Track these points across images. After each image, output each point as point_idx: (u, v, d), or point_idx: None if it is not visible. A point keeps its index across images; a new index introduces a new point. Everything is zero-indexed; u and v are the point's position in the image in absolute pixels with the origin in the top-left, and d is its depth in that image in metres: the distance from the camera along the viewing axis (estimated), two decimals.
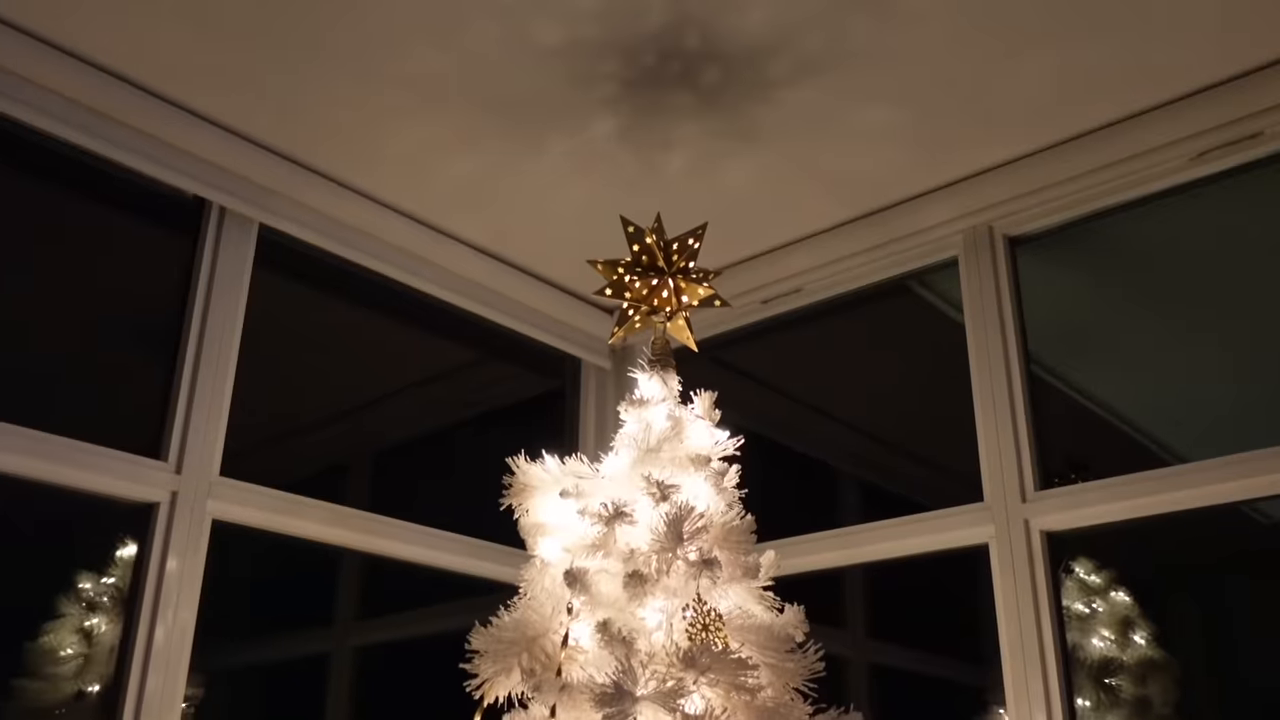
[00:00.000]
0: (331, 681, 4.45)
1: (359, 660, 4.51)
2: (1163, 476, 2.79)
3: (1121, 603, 3.78)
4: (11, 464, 2.48)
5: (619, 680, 1.79)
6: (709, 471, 2.19)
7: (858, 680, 4.47)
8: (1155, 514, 2.84)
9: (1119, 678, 3.64)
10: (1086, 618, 3.75)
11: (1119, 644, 3.70)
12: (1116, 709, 3.61)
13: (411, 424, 4.39)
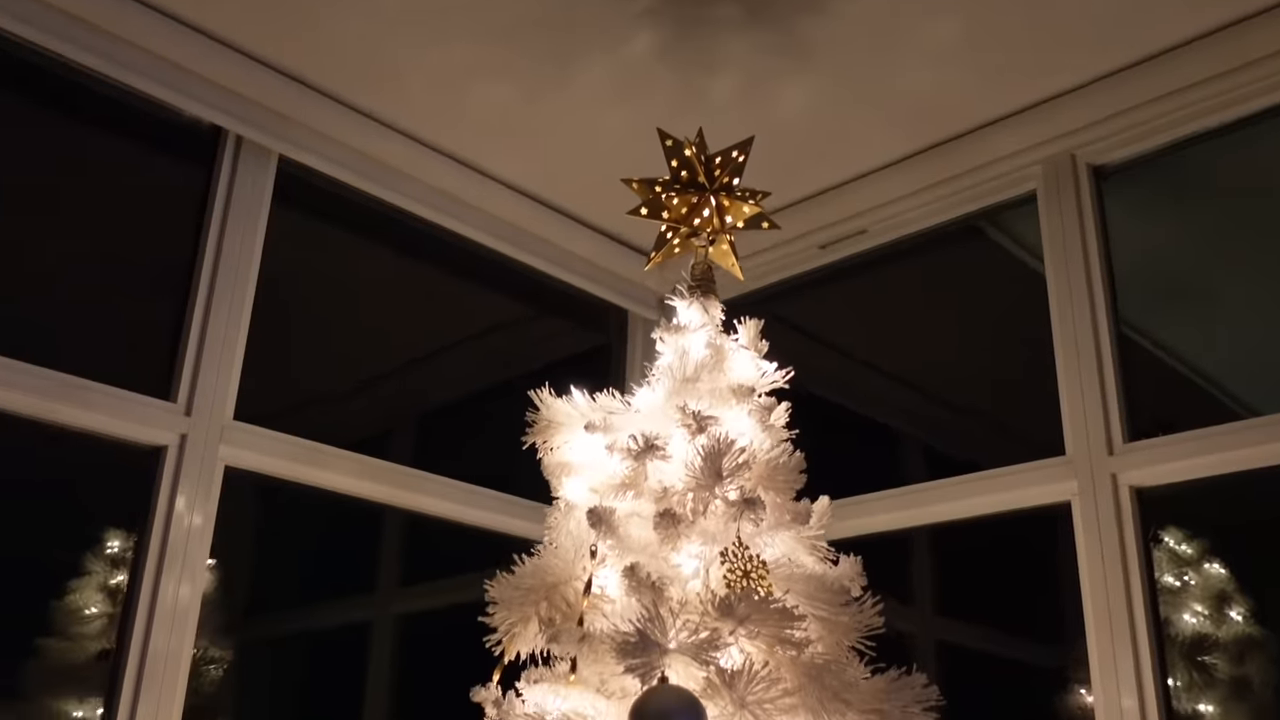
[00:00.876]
0: (374, 649, 4.31)
1: (401, 628, 4.35)
2: (1269, 424, 2.48)
3: (1216, 575, 3.47)
4: (13, 402, 2.32)
5: (644, 629, 1.56)
6: (753, 405, 1.95)
7: (925, 659, 4.19)
8: (1259, 467, 2.52)
9: (1214, 656, 3.34)
10: (1178, 591, 3.45)
11: (1214, 620, 3.40)
12: (1211, 690, 3.31)
13: (453, 385, 4.21)
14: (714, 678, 1.55)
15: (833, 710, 1.61)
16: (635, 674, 1.55)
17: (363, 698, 4.15)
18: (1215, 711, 3.29)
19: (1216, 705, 3.30)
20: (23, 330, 2.45)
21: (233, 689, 3.35)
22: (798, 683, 1.61)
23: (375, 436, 3.65)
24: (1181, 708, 3.29)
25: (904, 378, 4.05)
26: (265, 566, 3.80)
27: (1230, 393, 3.16)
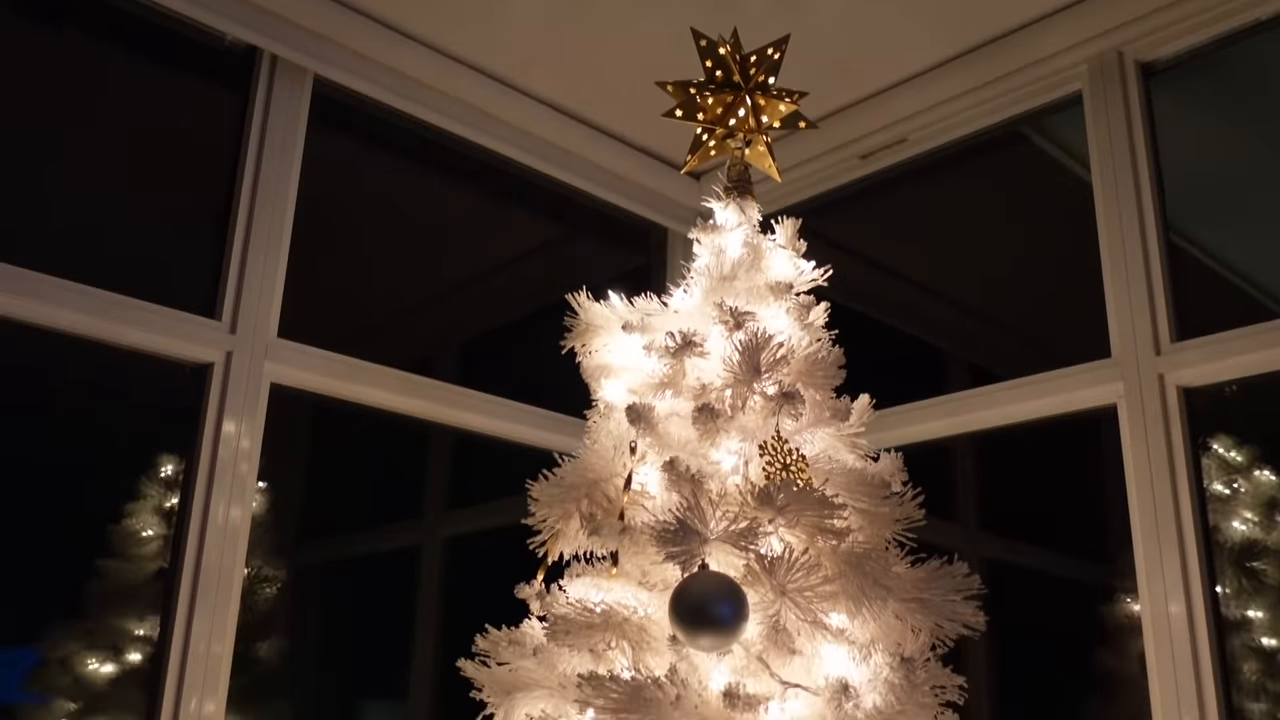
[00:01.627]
0: (422, 572, 4.38)
1: (449, 551, 4.42)
2: None
3: (1267, 482, 3.43)
4: (61, 319, 2.36)
5: (684, 518, 1.57)
6: (790, 303, 1.94)
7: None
8: None
9: (1263, 562, 3.31)
10: (1227, 499, 3.42)
11: (1263, 526, 3.37)
12: (1260, 595, 3.29)
13: (493, 311, 4.22)
14: (754, 565, 1.56)
15: (873, 597, 1.61)
16: (676, 562, 1.56)
17: (413, 619, 4.23)
18: (1264, 618, 3.27)
19: (1265, 611, 3.27)
20: (72, 252, 2.49)
21: (286, 608, 3.43)
22: (838, 570, 1.62)
23: (415, 365, 3.69)
24: (1230, 614, 3.27)
25: (947, 293, 4.00)
26: (316, 491, 3.86)
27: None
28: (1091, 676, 3.24)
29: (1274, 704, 3.16)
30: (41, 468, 3.35)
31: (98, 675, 3.31)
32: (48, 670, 3.34)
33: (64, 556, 3.49)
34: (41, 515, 3.36)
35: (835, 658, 1.61)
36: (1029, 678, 3.69)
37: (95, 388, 3.21)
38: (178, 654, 2.44)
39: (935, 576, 1.69)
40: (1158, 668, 2.56)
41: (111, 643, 3.33)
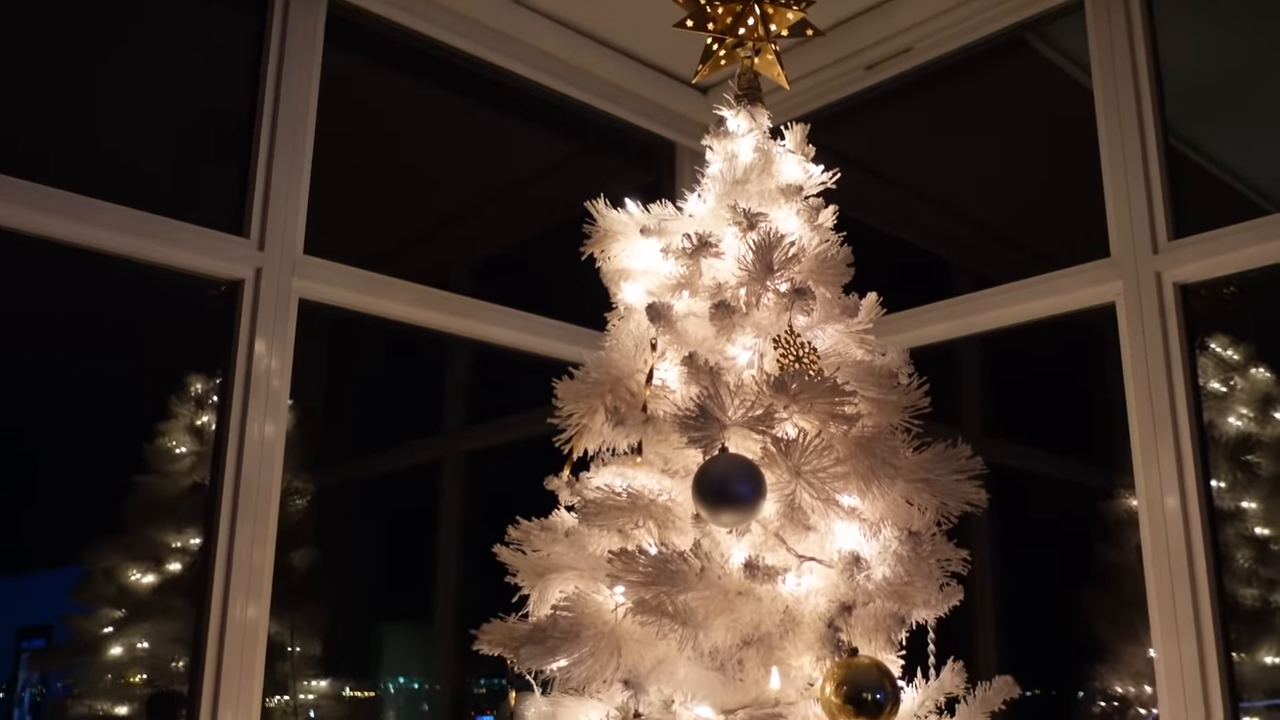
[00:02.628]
0: (444, 485, 4.52)
1: (469, 465, 4.55)
2: None
3: (1262, 379, 3.53)
4: (99, 238, 2.46)
5: (705, 405, 1.67)
6: (800, 205, 2.02)
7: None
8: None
9: (1257, 455, 3.43)
10: (1223, 396, 3.52)
11: (1258, 421, 3.48)
12: (1254, 488, 3.41)
13: (506, 230, 4.30)
14: (770, 448, 1.67)
15: (882, 477, 1.72)
16: (698, 446, 1.67)
17: (435, 533, 4.38)
18: (1258, 508, 3.40)
19: (1259, 502, 3.40)
20: (107, 175, 2.57)
21: (315, 520, 3.56)
22: (848, 453, 1.72)
23: (432, 283, 3.78)
24: (1225, 505, 3.39)
25: (952, 202, 4.07)
26: (335, 408, 3.97)
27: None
28: (1093, 569, 3.38)
29: (1266, 589, 3.30)
30: (74, 391, 3.46)
31: (140, 585, 3.46)
32: (92, 582, 3.50)
33: (102, 475, 3.63)
34: (78, 437, 3.49)
35: (847, 533, 1.73)
36: (1034, 573, 3.83)
37: (123, 312, 3.31)
38: (222, 563, 2.56)
39: (940, 458, 1.79)
40: (1153, 558, 2.67)
41: (152, 554, 3.48)
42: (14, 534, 3.56)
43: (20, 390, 3.33)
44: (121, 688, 3.42)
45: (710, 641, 1.64)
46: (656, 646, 1.66)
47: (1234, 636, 3.27)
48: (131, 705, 3.38)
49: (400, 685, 4.61)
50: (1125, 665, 3.39)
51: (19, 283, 3.10)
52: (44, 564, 4.10)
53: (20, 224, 2.42)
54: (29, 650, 4.06)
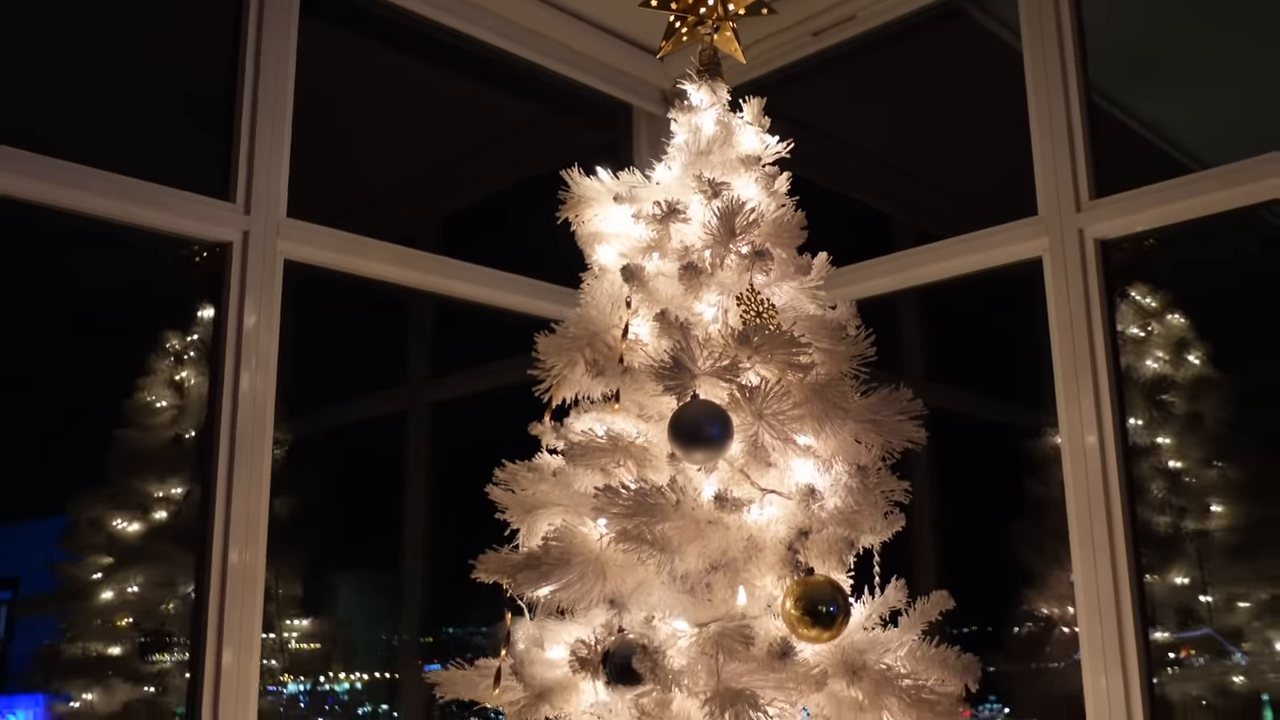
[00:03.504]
0: (410, 435, 4.69)
1: (435, 415, 4.73)
2: (1220, 174, 2.75)
3: (1177, 324, 3.82)
4: (97, 205, 2.59)
5: (678, 357, 1.88)
6: (759, 173, 2.23)
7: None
8: (1212, 213, 2.80)
9: (1171, 395, 3.72)
10: (1142, 340, 3.81)
11: (1173, 363, 3.77)
12: (1168, 425, 3.70)
13: (470, 188, 4.45)
14: (736, 394, 1.88)
15: (834, 418, 1.95)
16: (672, 393, 1.88)
17: (404, 482, 4.57)
18: (1171, 443, 3.70)
19: (1172, 438, 3.70)
20: (96, 141, 2.69)
21: (293, 469, 3.72)
22: (804, 398, 1.94)
23: (399, 241, 3.92)
24: (1141, 442, 3.68)
25: (896, 161, 4.29)
26: (304, 361, 4.12)
27: (1196, 155, 3.40)
28: (1022, 502, 3.65)
29: (1178, 517, 3.60)
30: (56, 348, 3.58)
31: (127, 533, 3.62)
32: (79, 531, 3.65)
33: (84, 430, 3.76)
34: (55, 394, 3.61)
35: (803, 469, 1.95)
36: (969, 507, 4.12)
37: (98, 272, 3.43)
38: (221, 510, 2.72)
39: (885, 401, 2.02)
40: (1073, 490, 2.93)
41: (138, 503, 3.63)
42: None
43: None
44: (113, 630, 3.59)
45: (685, 565, 1.86)
46: (637, 571, 1.88)
47: (1148, 560, 3.58)
48: (124, 646, 3.55)
49: (368, 633, 4.80)
50: (1050, 589, 3.68)
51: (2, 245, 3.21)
52: (9, 519, 4.22)
53: (16, 191, 2.54)
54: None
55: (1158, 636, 3.56)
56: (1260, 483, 3.58)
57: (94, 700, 3.49)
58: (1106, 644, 2.75)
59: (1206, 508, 3.61)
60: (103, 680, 3.49)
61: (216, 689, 2.70)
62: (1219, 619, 3.51)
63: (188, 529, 3.58)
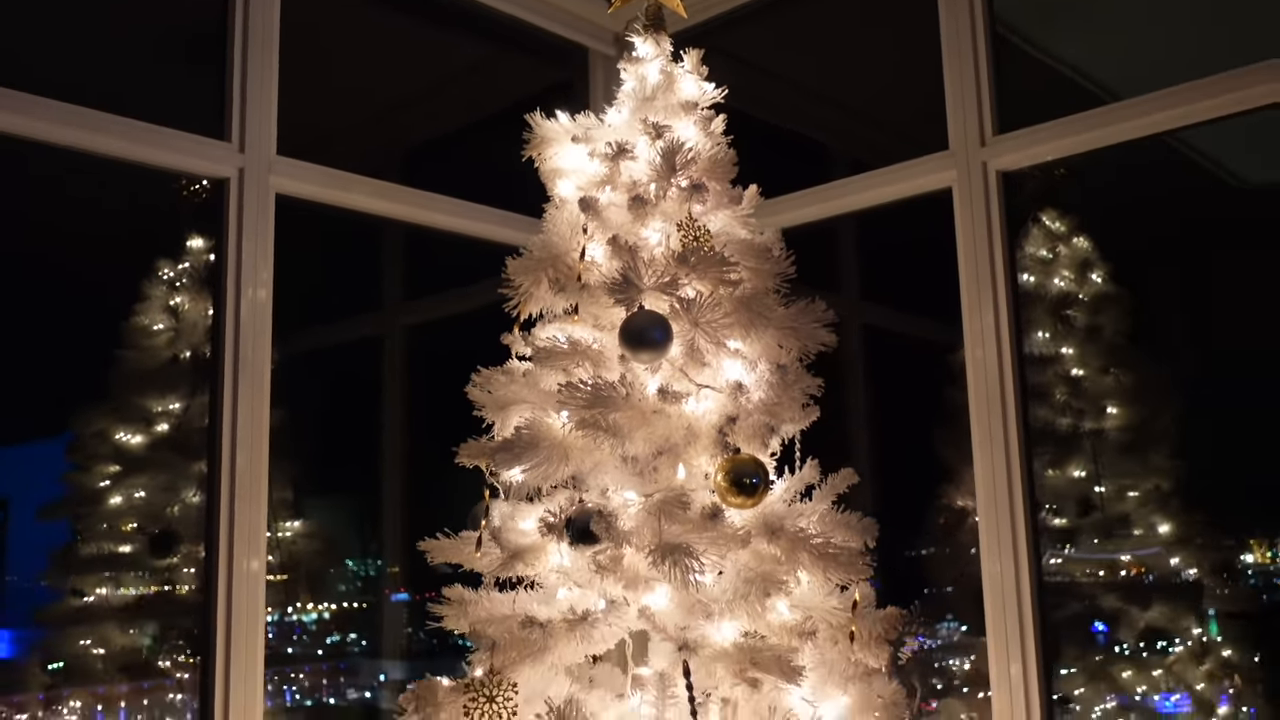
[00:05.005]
0: (385, 359, 5.04)
1: (409, 338, 5.08)
2: (1110, 110, 3.12)
3: (1082, 246, 4.24)
4: (107, 145, 2.90)
5: (627, 274, 2.25)
6: (697, 116, 2.57)
7: (849, 340, 5.01)
8: (1103, 146, 3.16)
9: (1075, 310, 4.15)
10: (1050, 262, 4.23)
11: (1076, 281, 4.19)
12: (1071, 336, 4.14)
13: (432, 124, 4.76)
14: (676, 306, 2.25)
15: (758, 326, 2.32)
16: (621, 305, 2.24)
17: (380, 400, 4.92)
18: (1073, 354, 4.14)
19: (1074, 349, 4.14)
20: (105, 85, 2.97)
21: (281, 385, 4.04)
22: (734, 309, 2.32)
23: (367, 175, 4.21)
24: (1046, 352, 4.12)
25: (830, 95, 4.64)
26: (288, 288, 4.44)
27: (1108, 88, 3.75)
28: (941, 408, 4.05)
29: (1077, 418, 4.05)
30: (58, 276, 3.88)
31: (131, 444, 3.96)
32: (85, 443, 3.99)
33: (85, 351, 4.09)
34: (61, 318, 3.92)
35: (733, 368, 2.34)
36: (899, 413, 4.54)
37: (95, 207, 3.72)
38: (228, 423, 3.05)
39: (802, 312, 2.40)
40: (975, 394, 3.33)
41: (140, 417, 3.98)
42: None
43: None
44: (122, 532, 3.95)
45: (634, 449, 2.25)
46: (594, 453, 2.26)
47: (1050, 457, 4.03)
48: (133, 545, 3.91)
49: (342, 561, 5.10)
50: (966, 484, 4.12)
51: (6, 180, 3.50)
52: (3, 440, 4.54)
53: (23, 130, 2.84)
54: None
55: (1057, 523, 4.03)
56: (1149, 388, 4.04)
57: (107, 594, 3.86)
58: (1000, 531, 3.17)
59: (1103, 410, 4.06)
60: (115, 576, 3.86)
61: (230, 583, 3.03)
62: (1111, 507, 3.98)
63: (188, 440, 3.93)
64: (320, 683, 4.89)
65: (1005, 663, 3.08)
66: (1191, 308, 4.14)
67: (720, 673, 2.15)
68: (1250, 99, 2.92)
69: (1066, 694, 3.81)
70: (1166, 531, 3.87)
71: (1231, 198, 3.92)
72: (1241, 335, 3.77)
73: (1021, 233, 4.15)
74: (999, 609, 3.12)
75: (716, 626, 2.17)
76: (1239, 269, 3.67)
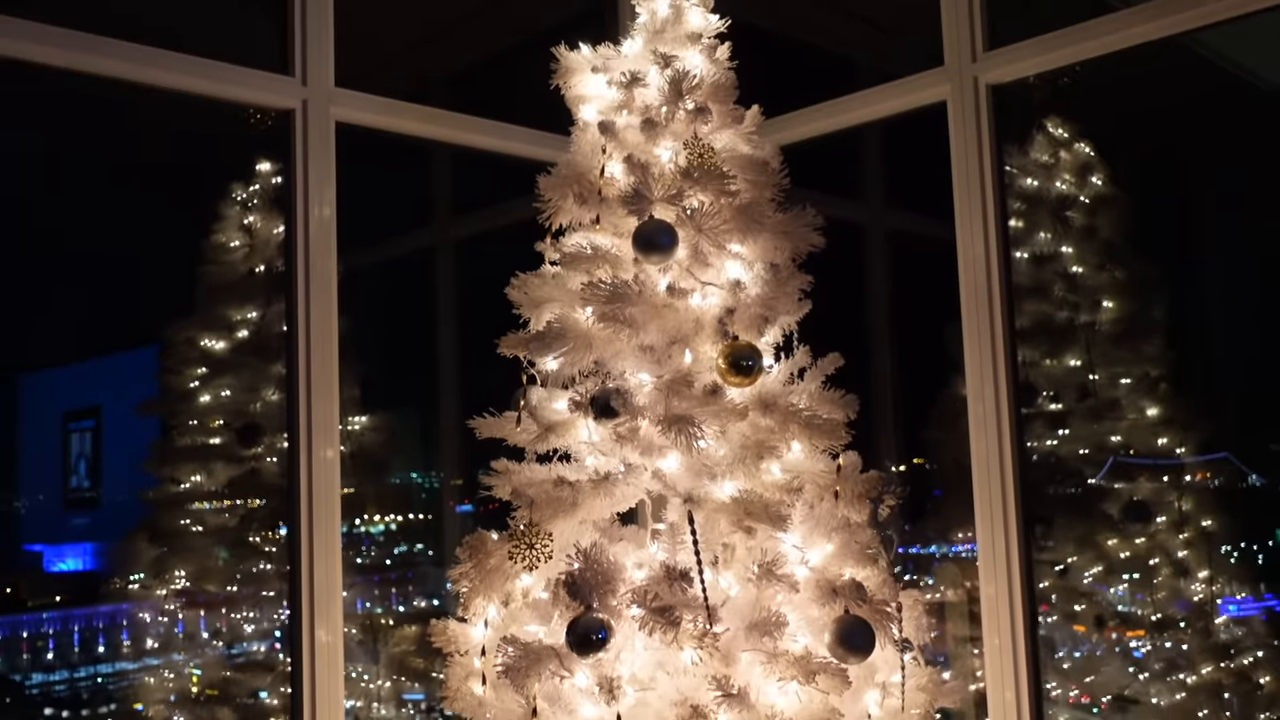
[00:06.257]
0: (439, 270, 5.46)
1: (459, 250, 5.50)
2: (1098, 23, 3.37)
3: (1082, 151, 4.52)
4: (189, 83, 3.30)
5: (639, 188, 2.62)
6: (702, 46, 2.91)
7: (875, 246, 5.34)
8: (1087, 58, 3.42)
9: (1073, 211, 4.45)
10: (1051, 166, 4.51)
11: (1076, 185, 4.48)
12: (1069, 236, 4.44)
13: (469, 50, 5.11)
14: (682, 215, 2.62)
15: (755, 231, 2.69)
16: (634, 215, 2.62)
17: (435, 310, 5.34)
18: (1072, 252, 4.45)
19: (1073, 247, 4.45)
20: (184, 27, 3.37)
21: (345, 295, 4.45)
22: (733, 215, 2.68)
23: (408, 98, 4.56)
24: (1046, 250, 4.43)
25: (854, 9, 4.89)
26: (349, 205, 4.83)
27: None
28: (954, 304, 4.36)
29: (1073, 311, 4.37)
30: (148, 200, 4.32)
31: (215, 349, 4.45)
32: (176, 349, 4.48)
33: (171, 267, 4.56)
34: (146, 234, 4.37)
35: (733, 267, 2.71)
36: (918, 310, 4.86)
37: (176, 138, 4.14)
38: (303, 328, 3.47)
39: (794, 218, 2.76)
40: (965, 289, 3.66)
41: (224, 325, 4.46)
42: (58, 329, 4.49)
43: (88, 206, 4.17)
44: (210, 427, 4.45)
45: (648, 338, 2.64)
46: (614, 342, 2.65)
47: (1047, 347, 4.37)
48: (222, 437, 4.42)
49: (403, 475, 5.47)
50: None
51: (93, 118, 3.93)
52: (93, 352, 5.06)
53: (117, 72, 3.25)
54: (77, 430, 5.04)
55: (1054, 408, 4.38)
56: (1141, 282, 4.34)
57: (201, 480, 4.39)
58: (986, 414, 3.53)
59: (1098, 304, 4.38)
60: (207, 465, 4.38)
61: (310, 468, 3.49)
62: (1103, 392, 4.32)
63: (265, 344, 4.40)
64: (389, 591, 5.35)
65: (990, 530, 3.47)
66: (1191, 210, 4.40)
67: (722, 524, 2.57)
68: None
69: (1059, 560, 4.21)
70: (1154, 414, 4.21)
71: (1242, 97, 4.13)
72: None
73: (1025, 140, 4.45)
74: (984, 482, 3.50)
75: (719, 485, 2.58)
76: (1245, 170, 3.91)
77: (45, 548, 4.74)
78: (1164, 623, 4.15)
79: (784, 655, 2.38)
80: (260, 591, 4.31)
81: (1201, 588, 4.11)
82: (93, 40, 3.16)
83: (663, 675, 2.47)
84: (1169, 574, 4.06)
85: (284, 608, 4.35)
